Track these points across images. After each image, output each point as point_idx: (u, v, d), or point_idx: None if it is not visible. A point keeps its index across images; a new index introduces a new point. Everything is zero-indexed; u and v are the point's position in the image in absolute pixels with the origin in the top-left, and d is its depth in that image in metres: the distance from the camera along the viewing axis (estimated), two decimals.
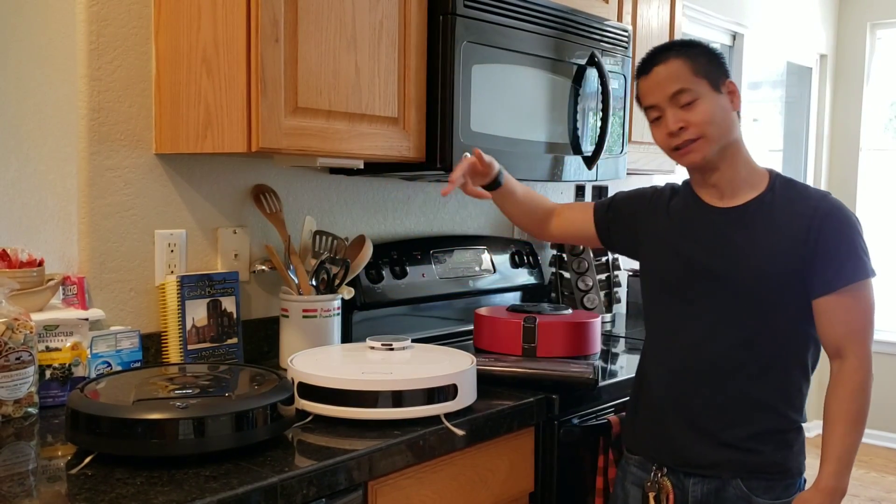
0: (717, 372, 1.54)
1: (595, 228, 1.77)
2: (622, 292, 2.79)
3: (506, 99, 1.98)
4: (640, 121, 2.20)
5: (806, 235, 1.48)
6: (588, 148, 2.24)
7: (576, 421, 1.81)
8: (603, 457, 1.78)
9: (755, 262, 1.51)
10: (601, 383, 1.77)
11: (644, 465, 1.63)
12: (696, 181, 1.62)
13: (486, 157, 1.69)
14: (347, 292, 1.95)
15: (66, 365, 1.56)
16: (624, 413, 1.78)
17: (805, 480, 1.59)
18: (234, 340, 1.86)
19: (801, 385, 1.56)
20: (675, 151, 1.55)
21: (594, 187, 2.81)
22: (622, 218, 1.74)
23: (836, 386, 1.50)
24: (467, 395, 1.57)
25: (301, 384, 1.51)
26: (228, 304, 1.85)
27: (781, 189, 1.55)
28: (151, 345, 1.77)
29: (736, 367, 1.53)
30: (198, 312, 1.79)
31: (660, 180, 2.52)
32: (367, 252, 1.97)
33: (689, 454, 1.56)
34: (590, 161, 2.24)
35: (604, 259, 2.68)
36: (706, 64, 1.53)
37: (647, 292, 1.69)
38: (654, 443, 1.62)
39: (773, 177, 1.58)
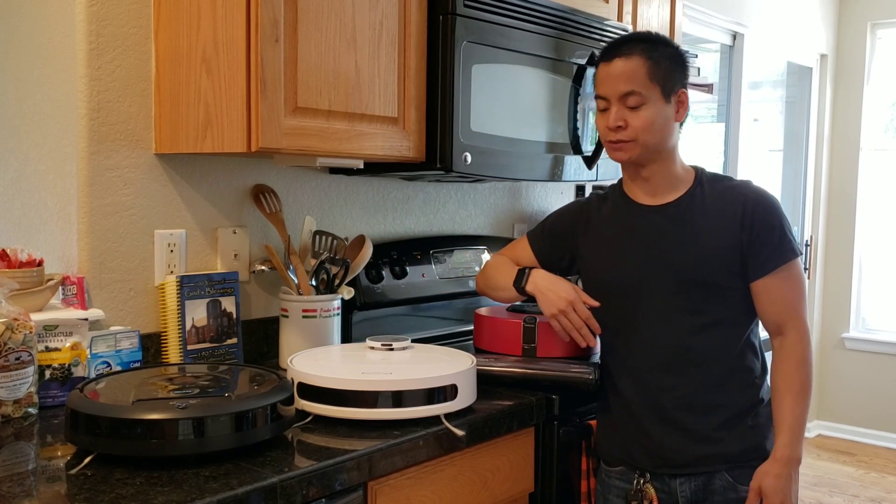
0: (681, 361, 1.59)
1: (537, 258, 1.80)
2: None
3: (506, 98, 1.98)
4: None
5: (741, 221, 1.56)
6: (588, 147, 2.24)
7: (576, 421, 1.80)
8: (586, 459, 1.78)
9: (702, 251, 1.58)
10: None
11: (626, 476, 1.66)
12: (629, 176, 1.68)
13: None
14: (347, 292, 1.95)
15: (66, 365, 1.56)
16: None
17: None
18: (234, 340, 1.85)
19: (754, 364, 1.63)
20: (610, 144, 1.61)
21: (594, 187, 2.80)
22: (560, 238, 1.78)
23: (781, 360, 1.59)
24: (467, 396, 1.58)
25: (301, 384, 1.51)
26: (228, 304, 1.85)
27: (708, 183, 1.63)
28: (151, 345, 1.77)
29: (697, 353, 1.59)
30: (197, 312, 1.79)
31: None
32: (367, 252, 1.97)
33: (667, 453, 1.60)
34: (590, 161, 2.24)
35: None
36: (666, 69, 1.57)
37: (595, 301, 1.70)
38: (632, 448, 1.64)
39: (699, 172, 1.66)
